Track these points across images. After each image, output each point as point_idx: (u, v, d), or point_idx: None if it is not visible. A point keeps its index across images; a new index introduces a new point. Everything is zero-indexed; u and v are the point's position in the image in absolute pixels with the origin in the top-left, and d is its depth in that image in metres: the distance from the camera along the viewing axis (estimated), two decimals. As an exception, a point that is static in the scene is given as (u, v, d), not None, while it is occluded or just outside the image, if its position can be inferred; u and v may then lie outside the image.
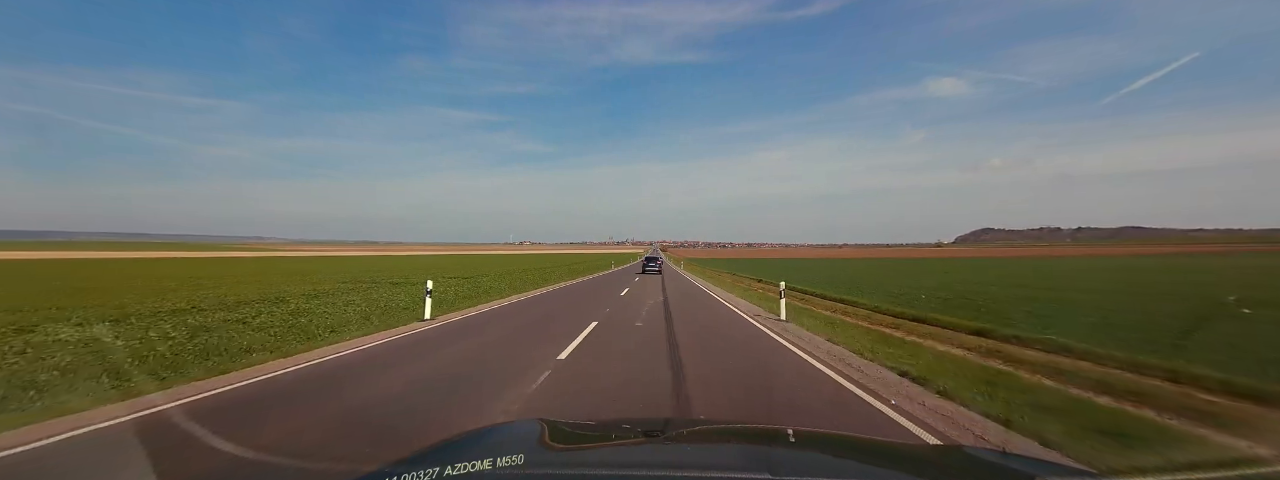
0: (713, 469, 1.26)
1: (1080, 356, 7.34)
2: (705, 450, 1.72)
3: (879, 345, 8.19)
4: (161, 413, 4.50)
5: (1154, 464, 3.44)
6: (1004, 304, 14.92)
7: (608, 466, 1.41)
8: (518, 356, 7.08)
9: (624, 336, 8.94)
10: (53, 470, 3.39)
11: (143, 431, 4.01)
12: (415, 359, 7.02)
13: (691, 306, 14.79)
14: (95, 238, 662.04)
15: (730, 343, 8.47)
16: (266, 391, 5.33)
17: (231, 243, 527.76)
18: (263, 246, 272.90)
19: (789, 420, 4.36)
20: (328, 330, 9.36)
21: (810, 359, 7.10)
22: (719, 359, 7.03)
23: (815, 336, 9.16)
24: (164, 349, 7.33)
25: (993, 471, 1.47)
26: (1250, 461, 3.38)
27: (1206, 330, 9.86)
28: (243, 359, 6.87)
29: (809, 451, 1.70)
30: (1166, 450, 5.47)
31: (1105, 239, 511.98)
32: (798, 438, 1.98)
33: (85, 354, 6.93)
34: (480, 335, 9.19)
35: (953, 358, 7.54)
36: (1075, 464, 3.29)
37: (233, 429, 4.01)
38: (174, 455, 3.50)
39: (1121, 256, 69.49)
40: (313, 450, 3.59)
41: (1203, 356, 6.79)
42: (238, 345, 7.74)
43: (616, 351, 7.53)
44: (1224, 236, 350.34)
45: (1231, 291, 16.15)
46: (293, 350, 7.56)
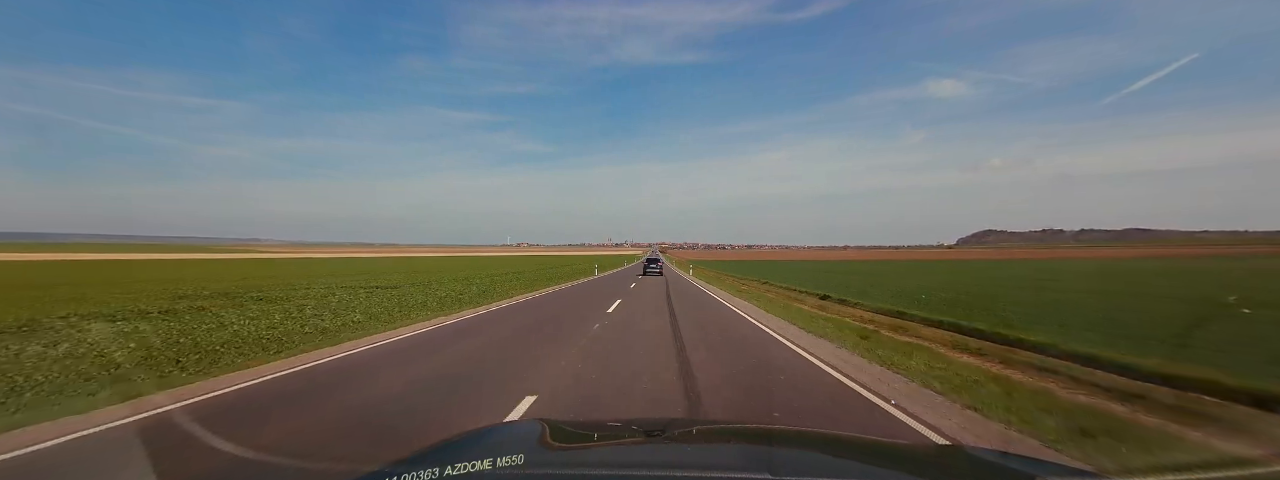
0: (713, 469, 1.26)
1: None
2: (705, 450, 1.72)
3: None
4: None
5: (1154, 464, 3.44)
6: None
7: (608, 466, 1.42)
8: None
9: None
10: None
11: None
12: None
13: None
14: (92, 239, 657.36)
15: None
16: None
17: (225, 245, 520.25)
18: (256, 248, 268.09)
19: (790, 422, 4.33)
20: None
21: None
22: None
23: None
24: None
25: (993, 471, 1.48)
26: (1250, 461, 3.37)
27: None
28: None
29: (809, 451, 1.70)
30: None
31: (1109, 241, 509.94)
32: (798, 438, 1.98)
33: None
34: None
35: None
36: (1075, 464, 3.29)
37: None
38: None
39: (1124, 259, 68.24)
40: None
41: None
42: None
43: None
44: (1229, 238, 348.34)
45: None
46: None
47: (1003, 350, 8.23)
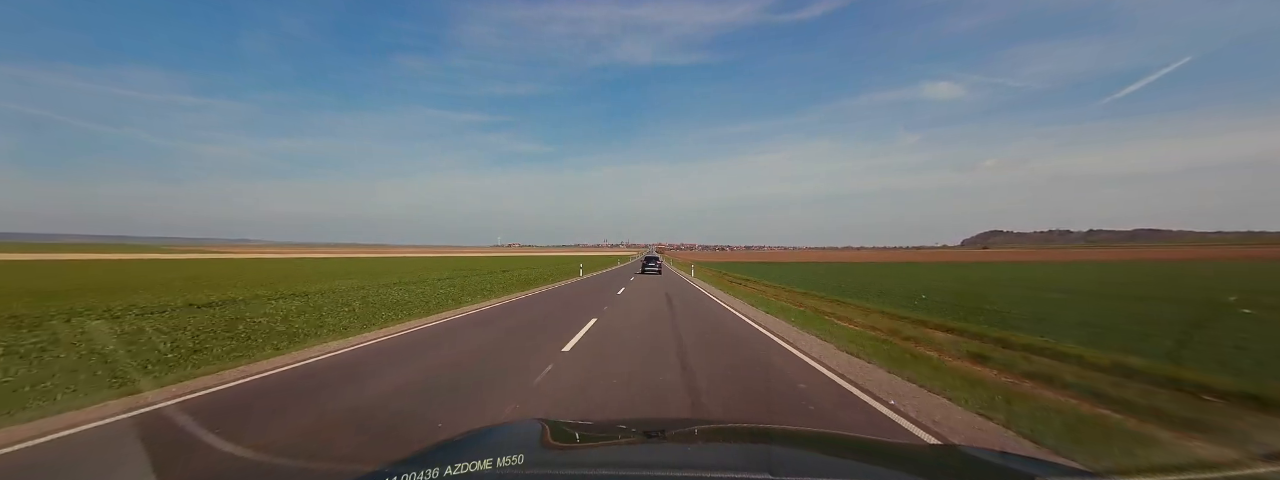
0: (713, 469, 1.26)
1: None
2: (705, 450, 1.72)
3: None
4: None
5: (1154, 464, 3.41)
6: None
7: (608, 466, 1.42)
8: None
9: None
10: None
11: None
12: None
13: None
14: (87, 240, 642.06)
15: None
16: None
17: (215, 245, 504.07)
18: (244, 249, 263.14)
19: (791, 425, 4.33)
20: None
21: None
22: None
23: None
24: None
25: (992, 471, 1.47)
26: (1250, 461, 3.34)
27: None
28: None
29: (809, 451, 1.70)
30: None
31: (1119, 242, 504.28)
32: (798, 438, 1.99)
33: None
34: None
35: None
36: (1075, 464, 3.27)
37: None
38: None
39: (1133, 261, 66.19)
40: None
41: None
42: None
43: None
44: (1243, 239, 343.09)
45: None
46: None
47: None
